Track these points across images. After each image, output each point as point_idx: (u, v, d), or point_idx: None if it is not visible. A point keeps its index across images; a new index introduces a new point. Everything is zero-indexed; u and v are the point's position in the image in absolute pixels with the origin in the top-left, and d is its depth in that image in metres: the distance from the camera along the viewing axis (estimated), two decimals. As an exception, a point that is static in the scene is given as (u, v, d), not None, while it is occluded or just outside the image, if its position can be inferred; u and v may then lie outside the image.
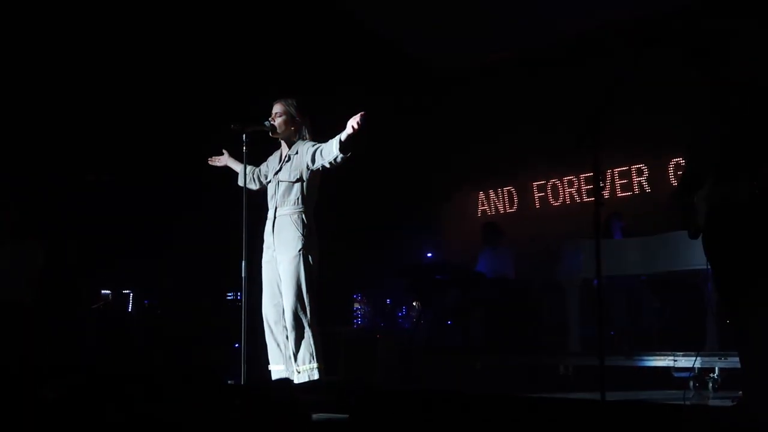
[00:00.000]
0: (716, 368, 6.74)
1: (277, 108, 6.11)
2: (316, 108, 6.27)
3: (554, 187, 11.51)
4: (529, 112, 11.04)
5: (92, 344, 9.11)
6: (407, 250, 11.89)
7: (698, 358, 6.77)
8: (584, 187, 11.10)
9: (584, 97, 9.86)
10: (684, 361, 6.99)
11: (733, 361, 6.40)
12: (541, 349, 8.79)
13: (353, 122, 5.62)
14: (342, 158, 5.76)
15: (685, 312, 8.32)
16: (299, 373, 5.82)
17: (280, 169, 6.09)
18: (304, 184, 5.97)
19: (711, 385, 6.74)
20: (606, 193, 10.33)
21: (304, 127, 6.12)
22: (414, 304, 10.75)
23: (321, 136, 6.05)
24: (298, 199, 5.95)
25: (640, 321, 8.82)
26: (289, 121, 6.09)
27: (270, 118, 6.09)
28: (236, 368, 5.82)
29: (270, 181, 6.15)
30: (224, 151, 6.41)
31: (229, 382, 5.85)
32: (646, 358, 7.40)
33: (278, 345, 5.99)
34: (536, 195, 11.75)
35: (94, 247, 9.44)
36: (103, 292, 9.84)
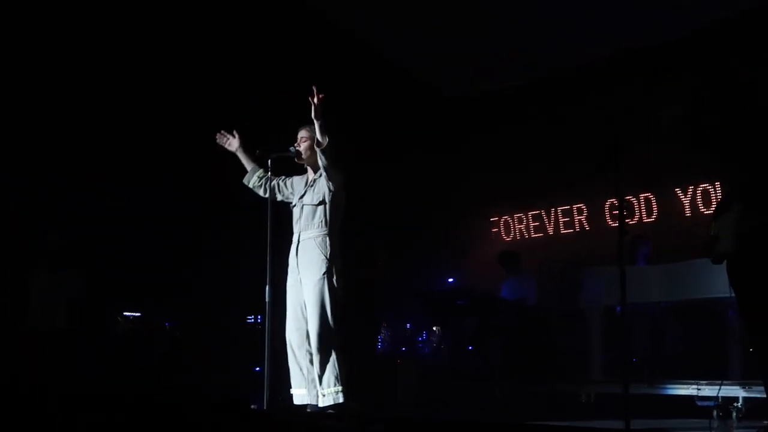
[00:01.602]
0: (740, 397, 6.69)
1: (302, 133, 6.18)
2: (339, 135, 6.31)
3: (578, 211, 11.44)
4: (551, 138, 11.02)
5: (115, 368, 9.15)
6: (428, 276, 11.88)
7: (719, 387, 6.72)
8: (608, 214, 11.00)
9: (605, 123, 10.02)
10: (707, 390, 6.93)
11: (758, 390, 6.34)
12: (563, 377, 8.73)
13: (314, 110, 5.75)
14: (323, 152, 5.85)
15: (708, 340, 8.26)
16: (324, 396, 5.83)
17: (304, 193, 6.13)
18: (327, 206, 6.01)
19: (735, 414, 6.68)
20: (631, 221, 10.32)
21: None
22: (434, 329, 10.74)
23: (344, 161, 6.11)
24: (322, 222, 5.99)
25: (662, 349, 8.76)
26: (312, 147, 6.13)
27: (296, 144, 6.15)
28: (258, 392, 5.83)
29: (295, 205, 6.19)
30: (236, 133, 6.42)
31: (252, 406, 5.86)
32: (669, 386, 7.35)
33: (301, 369, 6.00)
34: (560, 220, 11.69)
35: (116, 272, 9.50)
36: (125, 314, 9.88)
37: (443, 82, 11.95)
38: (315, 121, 5.80)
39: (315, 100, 5.76)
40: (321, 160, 5.89)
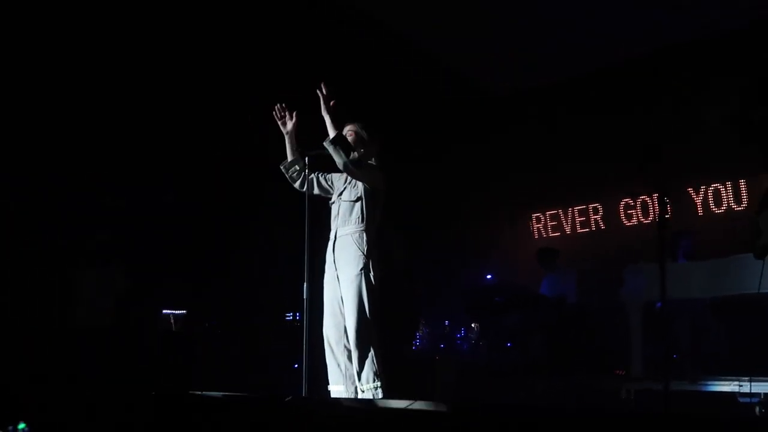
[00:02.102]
0: (783, 394, 6.62)
1: (347, 129, 6.18)
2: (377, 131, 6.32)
3: (624, 206, 11.36)
4: (591, 133, 10.96)
5: (156, 365, 9.23)
6: (467, 272, 11.86)
7: (764, 384, 6.64)
8: (654, 208, 10.91)
9: (646, 118, 9.96)
10: (749, 387, 6.86)
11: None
12: (603, 373, 8.67)
13: (324, 108, 5.76)
14: (336, 151, 5.83)
15: (750, 336, 8.16)
16: (363, 392, 5.83)
17: (343, 190, 6.14)
18: (364, 202, 6.00)
19: (777, 411, 6.62)
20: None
21: (371, 149, 6.17)
22: (473, 325, 10.72)
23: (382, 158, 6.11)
24: (359, 218, 5.99)
25: (704, 345, 8.67)
26: (357, 143, 6.13)
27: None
28: (297, 389, 5.84)
29: (333, 202, 6.20)
30: (294, 115, 6.33)
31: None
32: (710, 382, 7.28)
33: (338, 365, 6.00)
34: (600, 216, 11.62)
35: (155, 268, 9.58)
36: (164, 312, 9.96)
37: (479, 79, 11.92)
38: (325, 115, 5.79)
39: (323, 92, 5.76)
40: (335, 158, 5.86)
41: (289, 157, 6.35)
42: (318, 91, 5.85)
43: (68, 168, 9.18)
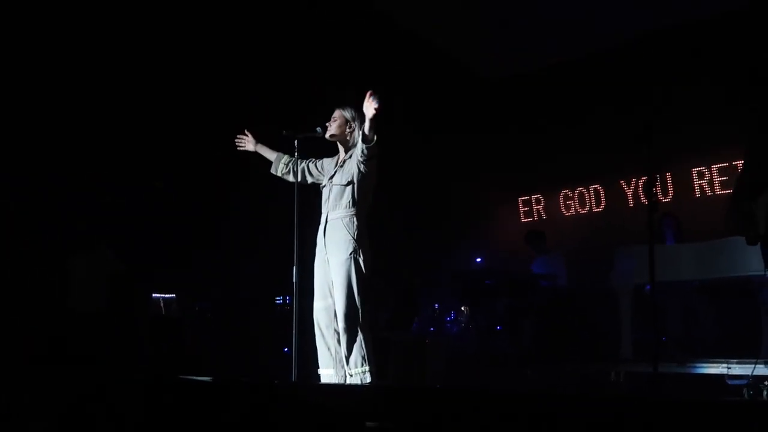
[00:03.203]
0: (772, 376, 6.63)
1: (335, 114, 6.17)
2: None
3: (606, 190, 11.38)
4: (578, 117, 10.98)
5: (147, 349, 9.24)
6: (456, 255, 11.87)
7: (753, 366, 6.66)
8: (641, 191, 10.93)
9: (637, 100, 9.95)
10: (738, 369, 6.88)
11: (790, 369, 6.30)
12: (593, 356, 8.70)
13: (369, 107, 5.64)
14: (367, 149, 5.80)
15: (739, 319, 8.19)
16: (351, 376, 5.83)
17: (334, 174, 6.13)
18: (355, 186, 5.99)
19: (766, 393, 6.62)
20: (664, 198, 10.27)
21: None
22: (462, 309, 10.72)
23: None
24: (350, 202, 5.98)
25: (693, 327, 8.70)
26: (346, 125, 6.13)
27: (327, 123, 6.14)
28: (287, 372, 5.84)
29: (324, 186, 6.19)
30: (247, 133, 6.48)
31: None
32: (699, 365, 7.30)
33: (329, 349, 6.01)
34: (587, 199, 11.63)
35: (145, 253, 9.56)
36: (154, 296, 9.94)
37: (472, 61, 11.89)
38: (367, 119, 5.74)
39: (373, 102, 5.69)
40: (360, 153, 5.86)
41: (272, 159, 6.44)
42: (370, 98, 5.73)
43: (56, 156, 9.14)
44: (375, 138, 5.81)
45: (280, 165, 6.39)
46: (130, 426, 4.54)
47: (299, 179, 6.23)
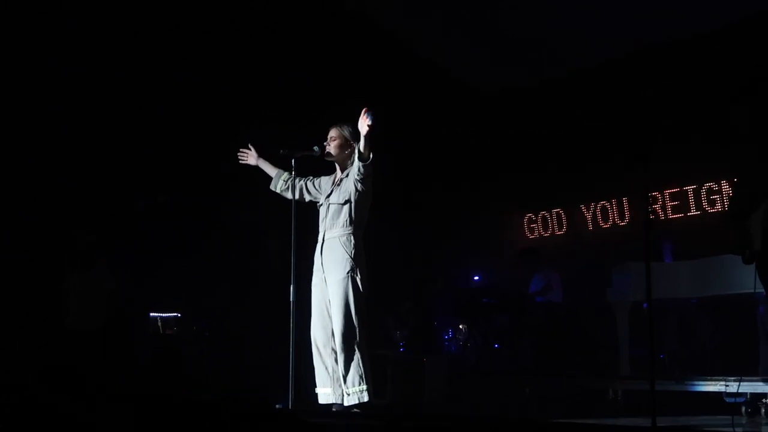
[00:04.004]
0: (769, 393, 6.63)
1: (332, 133, 6.20)
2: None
3: (603, 208, 11.36)
4: (577, 133, 10.98)
5: (145, 368, 9.21)
6: (454, 273, 11.86)
7: (750, 384, 6.66)
8: (635, 209, 10.88)
9: (632, 117, 9.97)
10: (735, 387, 6.86)
11: (788, 387, 6.30)
12: (591, 373, 8.69)
13: (364, 124, 5.70)
14: (363, 167, 5.84)
15: (737, 336, 8.19)
16: (349, 395, 5.84)
17: (331, 192, 6.15)
18: (353, 205, 6.02)
19: (764, 411, 6.63)
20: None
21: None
22: (460, 327, 10.73)
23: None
24: (347, 221, 6.00)
25: (691, 345, 8.70)
26: (344, 145, 6.16)
27: (326, 143, 6.17)
28: (284, 392, 5.84)
29: (321, 204, 6.21)
30: (251, 147, 6.49)
31: (277, 406, 5.88)
32: (697, 382, 7.29)
33: (326, 368, 6.02)
34: (586, 217, 11.60)
35: (143, 271, 9.55)
36: (151, 315, 9.92)
37: (468, 75, 11.90)
38: (363, 132, 5.78)
39: (367, 119, 5.74)
40: (356, 172, 5.89)
41: (272, 174, 6.46)
42: (365, 114, 5.79)
43: (57, 169, 9.15)
44: (371, 156, 5.84)
45: (279, 182, 6.42)
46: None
47: (297, 197, 6.27)
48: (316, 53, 10.08)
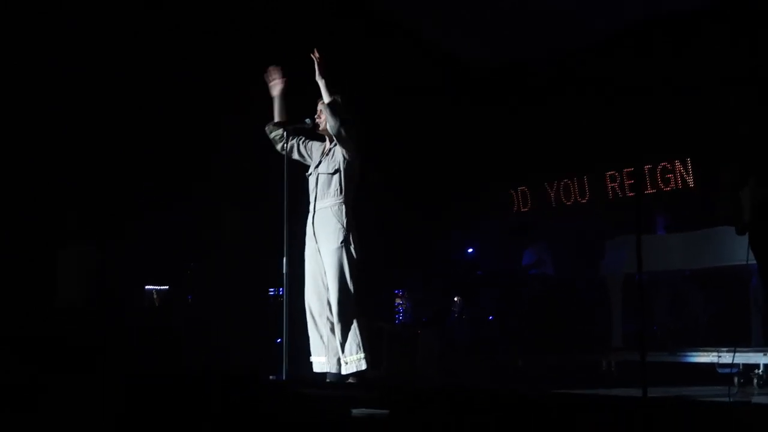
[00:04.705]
0: (761, 364, 6.66)
1: (321, 106, 6.16)
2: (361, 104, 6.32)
3: (596, 181, 11.32)
4: (567, 106, 10.92)
5: (137, 342, 9.21)
6: (448, 246, 11.85)
7: (743, 354, 6.69)
8: (627, 182, 10.87)
9: (622, 89, 9.92)
10: (728, 357, 6.89)
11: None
12: (584, 346, 8.72)
13: (317, 70, 5.86)
14: (340, 119, 5.86)
15: (729, 307, 8.21)
16: (347, 363, 5.87)
17: (320, 162, 6.14)
18: (342, 174, 6.01)
19: (756, 381, 6.66)
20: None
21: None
22: (455, 299, 10.73)
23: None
24: (337, 190, 6.00)
25: (683, 317, 8.72)
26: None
27: (315, 116, 6.14)
28: (278, 363, 5.86)
29: (310, 174, 6.19)
30: (282, 75, 6.35)
31: (270, 377, 5.89)
32: (689, 354, 7.32)
33: (321, 336, 6.03)
34: (577, 190, 11.57)
35: (136, 246, 9.53)
36: (147, 288, 9.92)
37: (463, 50, 11.84)
38: (319, 80, 5.80)
39: (317, 57, 5.77)
40: (330, 121, 5.87)
41: (276, 119, 6.32)
42: (312, 56, 5.84)
43: (45, 150, 9.12)
44: (339, 100, 5.84)
45: (278, 130, 6.29)
46: (119, 419, 4.54)
47: (286, 151, 6.21)
48: (309, 30, 10.00)
